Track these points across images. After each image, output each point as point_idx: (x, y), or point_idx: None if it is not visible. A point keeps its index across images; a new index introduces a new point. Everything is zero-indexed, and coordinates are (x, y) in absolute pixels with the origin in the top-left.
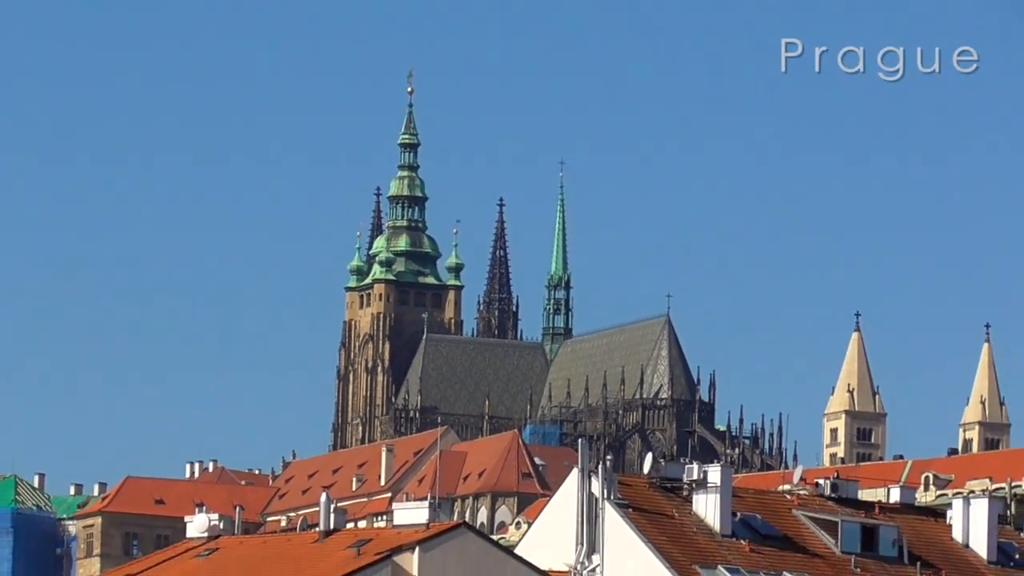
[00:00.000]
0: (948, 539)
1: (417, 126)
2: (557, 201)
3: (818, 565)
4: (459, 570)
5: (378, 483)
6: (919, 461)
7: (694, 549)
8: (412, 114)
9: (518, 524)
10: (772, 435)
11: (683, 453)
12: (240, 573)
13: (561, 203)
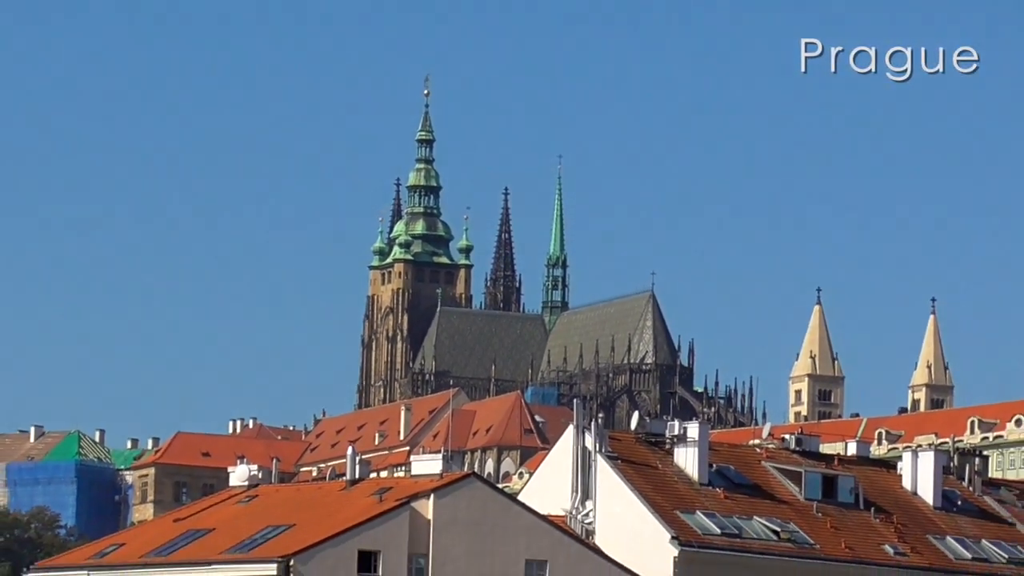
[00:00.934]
0: (899, 487)
1: (432, 124)
2: (555, 190)
3: (784, 510)
4: (469, 515)
5: (398, 438)
6: (873, 419)
7: (675, 496)
8: (428, 114)
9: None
10: (744, 396)
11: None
12: (276, 518)
13: (559, 192)
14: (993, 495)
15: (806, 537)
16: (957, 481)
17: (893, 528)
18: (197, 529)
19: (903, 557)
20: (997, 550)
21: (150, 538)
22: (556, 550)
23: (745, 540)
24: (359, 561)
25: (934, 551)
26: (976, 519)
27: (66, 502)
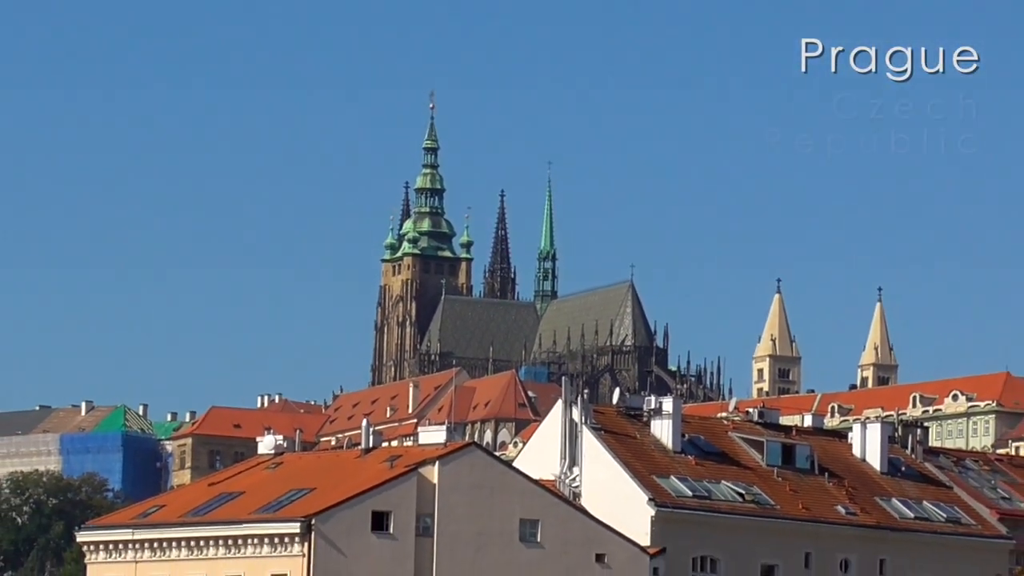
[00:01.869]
0: (849, 455)
1: (437, 134)
2: (546, 192)
3: (748, 475)
4: (469, 479)
5: (407, 411)
6: (826, 394)
7: (652, 462)
8: (433, 125)
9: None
10: (712, 374)
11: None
12: (299, 482)
13: (549, 194)
14: (933, 462)
15: (768, 499)
16: (901, 449)
17: (844, 491)
18: (229, 492)
19: (853, 516)
20: (936, 510)
21: (187, 500)
22: (547, 510)
23: (714, 501)
24: (372, 520)
25: (881, 511)
26: (918, 483)
27: (113, 468)
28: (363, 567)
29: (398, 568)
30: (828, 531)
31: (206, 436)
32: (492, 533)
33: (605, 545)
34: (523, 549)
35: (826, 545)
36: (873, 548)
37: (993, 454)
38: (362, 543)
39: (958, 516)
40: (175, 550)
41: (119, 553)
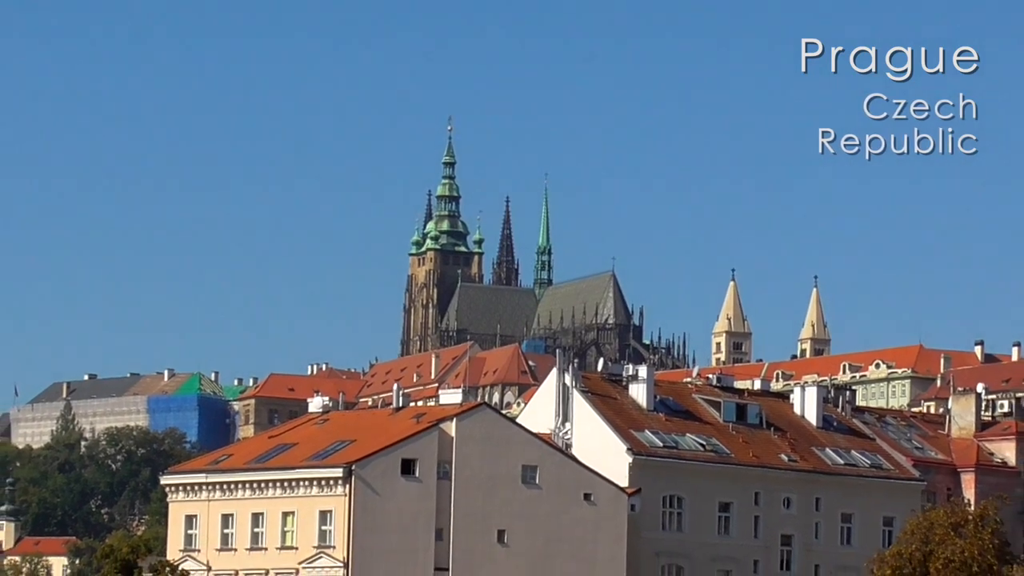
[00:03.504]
0: (791, 413)
1: (455, 150)
2: (543, 198)
3: (708, 429)
4: (481, 433)
5: (430, 377)
6: (772, 363)
7: (630, 419)
8: (451, 143)
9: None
10: (679, 347)
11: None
12: (343, 434)
13: (546, 199)
14: (859, 418)
15: (724, 448)
16: (833, 408)
17: (787, 442)
18: (285, 443)
19: (794, 463)
20: (862, 457)
21: (251, 450)
22: (544, 458)
23: (680, 451)
24: (402, 466)
25: (816, 458)
26: (847, 435)
27: (190, 424)
28: (394, 505)
29: (422, 506)
30: (773, 475)
31: (266, 398)
32: (499, 477)
33: (591, 486)
34: (524, 490)
35: (772, 486)
36: (810, 489)
37: (908, 412)
38: (393, 485)
39: (880, 462)
40: (240, 491)
41: (195, 493)
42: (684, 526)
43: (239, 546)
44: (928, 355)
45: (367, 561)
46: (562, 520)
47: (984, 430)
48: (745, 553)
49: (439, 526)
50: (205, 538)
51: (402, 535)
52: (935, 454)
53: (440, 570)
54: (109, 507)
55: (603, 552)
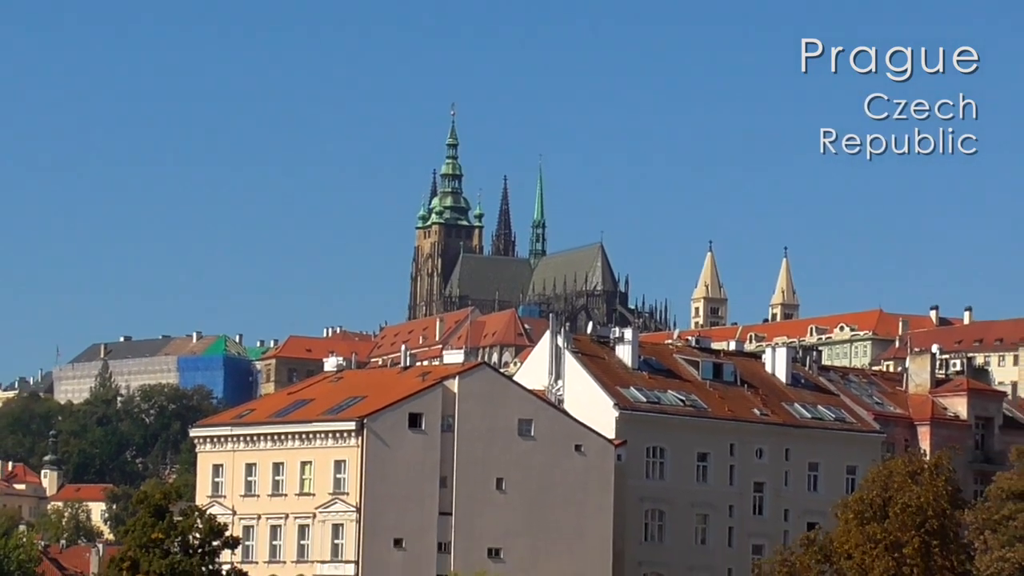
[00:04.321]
0: (763, 371)
1: (457, 133)
2: (538, 176)
3: (688, 386)
4: (481, 389)
5: (434, 339)
6: (746, 326)
7: (616, 377)
8: (454, 126)
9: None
10: (661, 311)
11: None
12: (355, 391)
13: (540, 177)
14: (824, 376)
15: (702, 404)
16: (801, 367)
17: (759, 398)
18: (303, 399)
19: (765, 417)
20: (827, 412)
21: (272, 405)
22: (538, 412)
23: (662, 406)
24: (409, 420)
25: (786, 412)
26: (814, 392)
27: (216, 382)
28: (402, 455)
29: (428, 456)
30: (747, 428)
31: (286, 358)
32: (498, 429)
33: (582, 438)
34: (521, 441)
35: (745, 438)
36: (780, 440)
37: (869, 371)
38: (401, 437)
39: (843, 416)
40: (262, 442)
41: (221, 444)
42: (666, 474)
43: (261, 492)
44: (887, 319)
45: (377, 506)
46: (555, 469)
47: (938, 387)
48: (721, 499)
49: (443, 474)
50: (230, 485)
51: (409, 482)
52: (893, 409)
53: (444, 514)
54: (143, 457)
55: (592, 498)
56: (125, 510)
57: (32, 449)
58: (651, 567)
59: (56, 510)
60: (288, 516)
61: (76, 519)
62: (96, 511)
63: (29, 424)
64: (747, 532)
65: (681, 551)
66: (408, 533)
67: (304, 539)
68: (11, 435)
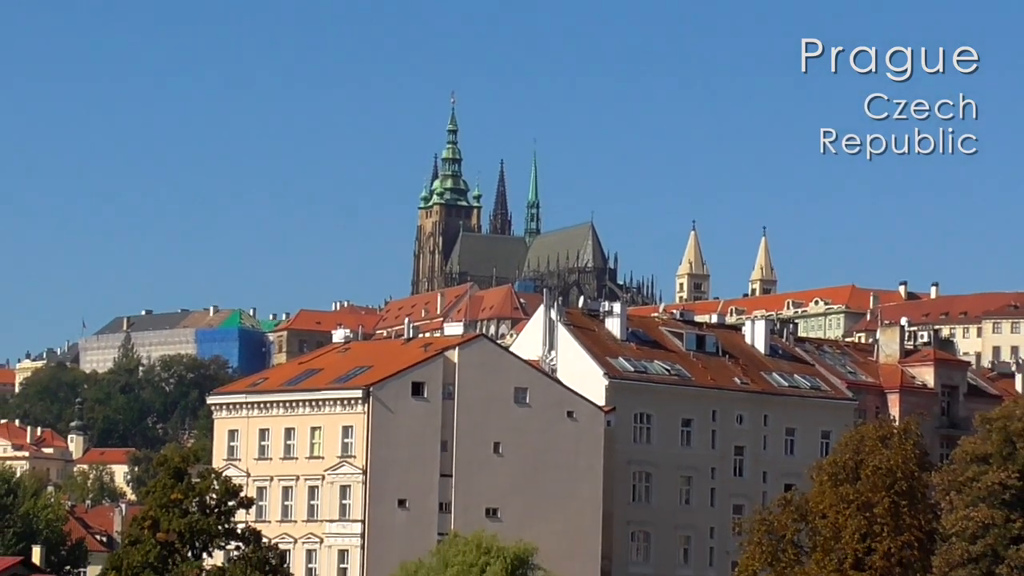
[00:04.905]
0: (743, 343)
1: (457, 120)
2: (532, 160)
3: (673, 356)
4: (479, 359)
5: (436, 312)
6: (727, 300)
7: (606, 348)
8: (454, 113)
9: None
10: (648, 286)
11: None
12: (362, 361)
13: (535, 161)
14: (801, 348)
15: (686, 373)
16: (778, 339)
17: (739, 367)
18: (313, 369)
19: (745, 385)
20: (803, 380)
21: (284, 374)
22: (533, 381)
23: (649, 375)
24: (412, 388)
25: (764, 381)
26: (790, 362)
27: (232, 353)
28: (405, 422)
29: (429, 422)
30: (728, 395)
31: (297, 330)
32: (495, 397)
33: (573, 405)
34: (516, 408)
35: (726, 405)
36: (759, 407)
37: (842, 342)
38: (405, 404)
39: (818, 385)
40: (275, 409)
41: (236, 411)
42: (652, 439)
43: (274, 456)
44: (859, 294)
45: (382, 468)
46: (548, 434)
47: (907, 357)
48: (704, 462)
49: (444, 439)
50: (245, 449)
51: (412, 446)
52: (865, 378)
53: (445, 476)
54: (163, 423)
55: (583, 461)
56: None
57: (59, 415)
58: (638, 526)
59: (82, 472)
60: (299, 478)
61: (100, 481)
62: (119, 473)
63: (56, 392)
64: (728, 493)
65: (666, 511)
66: (411, 494)
67: (314, 499)
68: (40, 402)
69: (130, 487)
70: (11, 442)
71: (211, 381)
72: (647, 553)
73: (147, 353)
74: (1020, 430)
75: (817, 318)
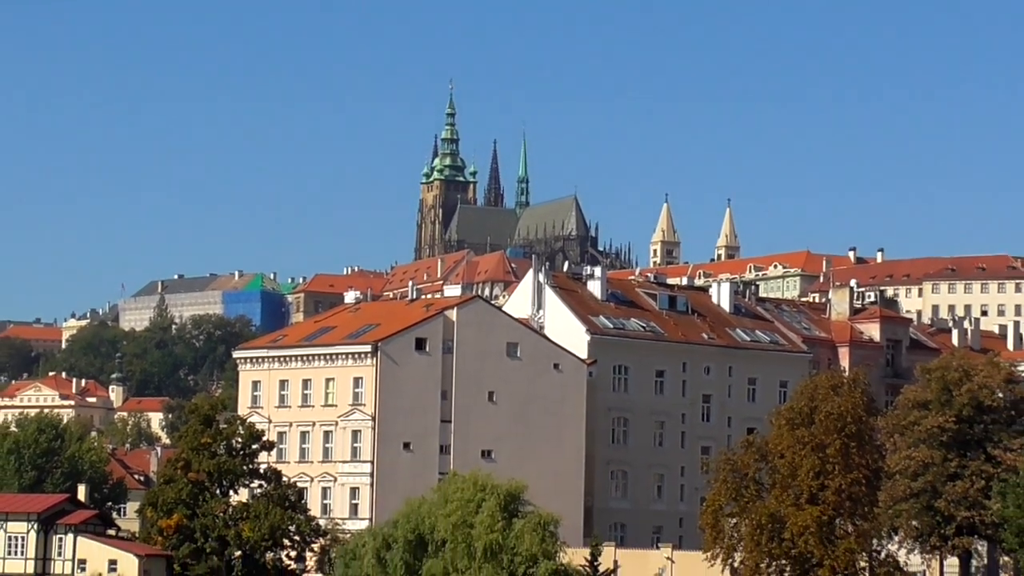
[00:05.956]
0: (710, 302)
1: (455, 104)
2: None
3: (647, 315)
4: (476, 318)
5: (437, 276)
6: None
7: (588, 307)
8: (452, 99)
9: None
10: (626, 252)
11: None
12: (371, 320)
13: (524, 142)
14: (761, 307)
15: (660, 329)
16: (741, 298)
17: (707, 324)
18: (327, 327)
19: (712, 340)
20: (764, 336)
21: (301, 332)
22: (523, 337)
23: (626, 331)
24: (415, 343)
25: (729, 336)
26: (752, 319)
27: (255, 312)
28: (409, 373)
29: (431, 373)
30: (697, 349)
31: (313, 292)
32: (489, 351)
33: (559, 358)
34: (508, 361)
35: (695, 358)
36: (724, 359)
37: (798, 302)
38: (409, 358)
39: (777, 339)
40: (293, 362)
41: (259, 364)
42: (629, 388)
43: (292, 404)
44: (813, 258)
45: (389, 415)
46: (537, 383)
47: (855, 315)
48: (675, 408)
49: (444, 388)
50: (267, 398)
51: (416, 395)
52: (819, 333)
53: (445, 422)
54: (194, 375)
55: (568, 408)
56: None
57: (102, 368)
58: (617, 465)
59: (121, 419)
60: (315, 424)
61: (138, 427)
62: (155, 420)
63: (99, 348)
64: (697, 436)
65: (642, 452)
66: (415, 438)
67: (328, 443)
68: (84, 357)
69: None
70: (58, 392)
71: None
72: (625, 490)
73: (179, 313)
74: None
75: (776, 280)
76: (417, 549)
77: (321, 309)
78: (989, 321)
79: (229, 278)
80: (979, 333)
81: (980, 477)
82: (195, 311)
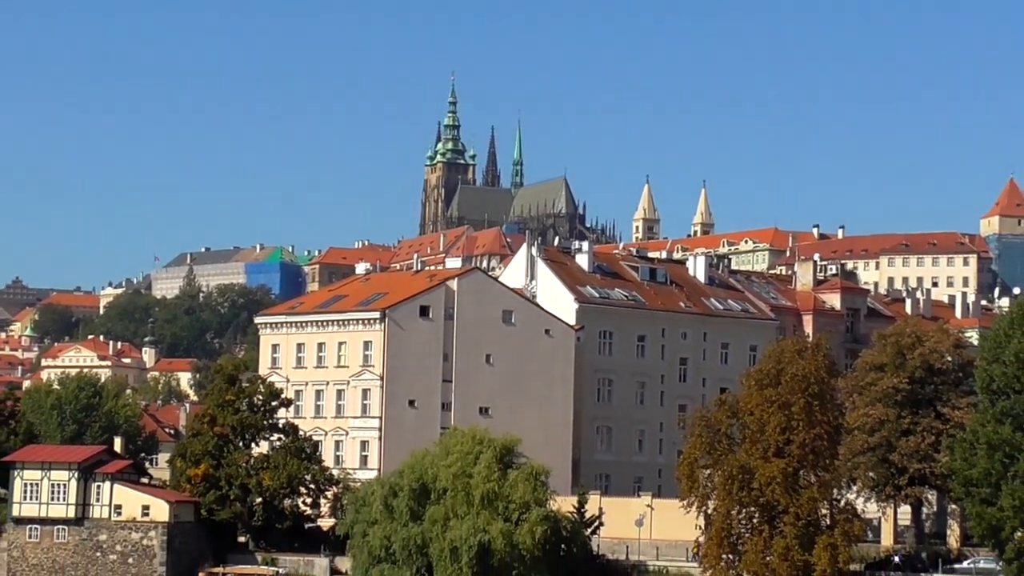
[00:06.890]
0: (687, 274)
1: (457, 94)
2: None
3: (630, 285)
4: (474, 288)
5: (439, 249)
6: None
7: (576, 278)
8: (454, 88)
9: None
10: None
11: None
12: (380, 289)
13: (519, 128)
14: (734, 278)
15: (641, 299)
16: (715, 271)
17: (684, 294)
18: (340, 295)
19: (689, 308)
20: (736, 305)
21: (317, 300)
22: (518, 306)
23: (611, 300)
24: (420, 311)
25: (704, 305)
26: (725, 290)
27: (274, 282)
28: (414, 337)
29: (434, 337)
30: (675, 316)
31: (327, 264)
32: (487, 318)
33: (550, 324)
34: (504, 327)
35: (674, 325)
36: (700, 326)
37: (767, 274)
38: (414, 323)
39: (748, 308)
40: (309, 327)
41: (279, 329)
42: (613, 352)
43: (308, 365)
44: (781, 234)
45: (396, 375)
46: (530, 347)
47: (818, 286)
48: (655, 370)
49: (445, 351)
50: (285, 360)
51: (420, 358)
52: (785, 302)
53: (446, 382)
54: (219, 339)
55: (558, 370)
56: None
57: (136, 332)
58: (602, 422)
59: (154, 378)
60: (329, 383)
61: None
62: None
63: (133, 313)
64: (674, 395)
65: (625, 410)
66: (419, 396)
67: (341, 400)
68: (119, 322)
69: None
70: (96, 354)
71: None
72: (609, 444)
73: (206, 282)
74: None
75: (747, 254)
76: (421, 496)
77: (335, 279)
78: (939, 292)
79: (251, 251)
80: (930, 303)
81: (931, 433)
82: (220, 281)
